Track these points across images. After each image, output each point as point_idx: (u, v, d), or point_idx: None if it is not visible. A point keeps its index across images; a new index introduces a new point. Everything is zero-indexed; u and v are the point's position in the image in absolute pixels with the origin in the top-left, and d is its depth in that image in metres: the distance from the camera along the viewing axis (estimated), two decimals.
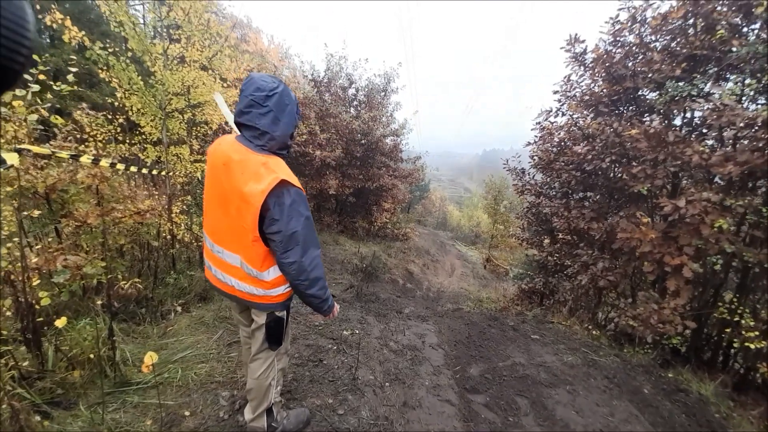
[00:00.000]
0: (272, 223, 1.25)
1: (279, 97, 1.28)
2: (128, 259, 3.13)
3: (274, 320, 1.48)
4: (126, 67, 3.52)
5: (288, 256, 1.29)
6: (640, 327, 3.25)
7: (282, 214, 1.24)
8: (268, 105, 1.27)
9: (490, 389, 2.59)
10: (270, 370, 1.58)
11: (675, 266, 3.10)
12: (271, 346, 1.54)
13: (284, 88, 1.31)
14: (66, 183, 2.49)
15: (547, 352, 3.25)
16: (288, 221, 1.25)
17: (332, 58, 10.27)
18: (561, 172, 4.84)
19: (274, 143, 1.32)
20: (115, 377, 1.94)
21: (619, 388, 2.71)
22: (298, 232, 1.27)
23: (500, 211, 17.05)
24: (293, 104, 1.34)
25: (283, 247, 1.28)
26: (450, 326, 3.76)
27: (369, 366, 2.52)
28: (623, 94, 4.12)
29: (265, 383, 1.57)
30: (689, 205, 2.85)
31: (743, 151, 2.85)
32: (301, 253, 1.30)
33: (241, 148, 1.30)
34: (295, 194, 1.27)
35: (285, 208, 1.24)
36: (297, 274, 1.32)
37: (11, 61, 0.35)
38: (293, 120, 1.35)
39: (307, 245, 1.31)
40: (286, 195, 1.25)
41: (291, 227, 1.26)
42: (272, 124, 1.29)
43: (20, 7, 0.36)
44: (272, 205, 1.24)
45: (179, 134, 4.44)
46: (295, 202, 1.26)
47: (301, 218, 1.28)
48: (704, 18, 3.44)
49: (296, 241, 1.28)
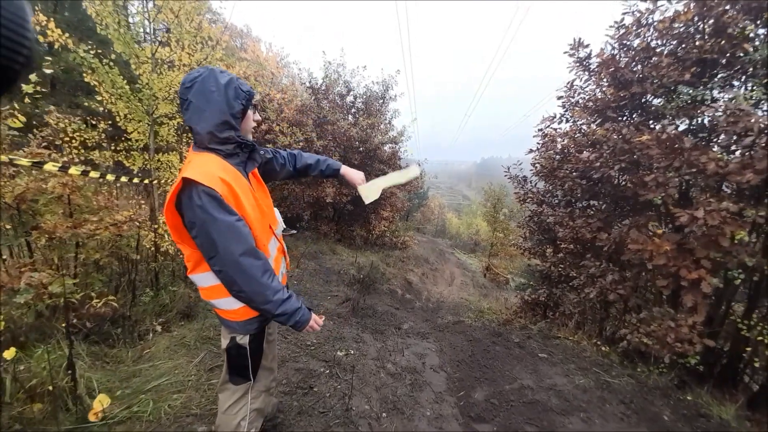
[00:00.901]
0: (191, 226, 1.11)
1: (200, 85, 1.13)
2: (107, 274, 2.92)
3: (235, 347, 1.29)
4: (109, 69, 3.36)
5: (213, 263, 1.14)
6: (655, 345, 3.03)
7: (195, 217, 1.09)
8: (188, 98, 1.14)
9: (497, 417, 2.37)
10: (240, 406, 1.36)
11: (692, 280, 2.90)
12: (233, 379, 1.33)
13: (208, 74, 1.15)
14: (36, 192, 2.29)
15: (557, 372, 3.03)
16: (201, 225, 1.08)
17: (330, 65, 10.20)
18: (565, 180, 4.66)
19: (200, 138, 1.15)
20: (77, 411, 1.72)
21: (638, 415, 2.49)
22: (213, 236, 1.09)
23: (500, 219, 16.87)
24: (221, 88, 1.13)
25: (206, 254, 1.14)
26: (451, 343, 3.54)
27: (364, 393, 2.29)
28: (629, 99, 3.97)
29: (233, 421, 1.35)
30: (708, 215, 2.66)
31: (761, 159, 2.68)
32: (222, 261, 1.11)
33: (190, 151, 1.24)
34: (203, 195, 1.07)
35: (195, 210, 1.08)
36: (229, 285, 1.16)
37: (11, 61, 0.35)
38: (223, 106, 1.14)
39: (228, 252, 1.10)
40: (195, 197, 1.07)
41: (204, 230, 1.09)
42: (194, 116, 1.14)
43: (20, 7, 0.36)
44: (186, 207, 1.10)
45: (168, 141, 4.26)
46: (204, 203, 1.07)
47: (214, 222, 1.08)
48: (714, 21, 3.31)
49: (215, 248, 1.10)
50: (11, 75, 0.36)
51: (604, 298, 4.03)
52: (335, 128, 9.10)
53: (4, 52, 0.34)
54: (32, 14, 0.38)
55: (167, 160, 4.24)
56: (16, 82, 0.38)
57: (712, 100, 3.29)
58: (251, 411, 1.37)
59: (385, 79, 10.31)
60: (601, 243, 3.91)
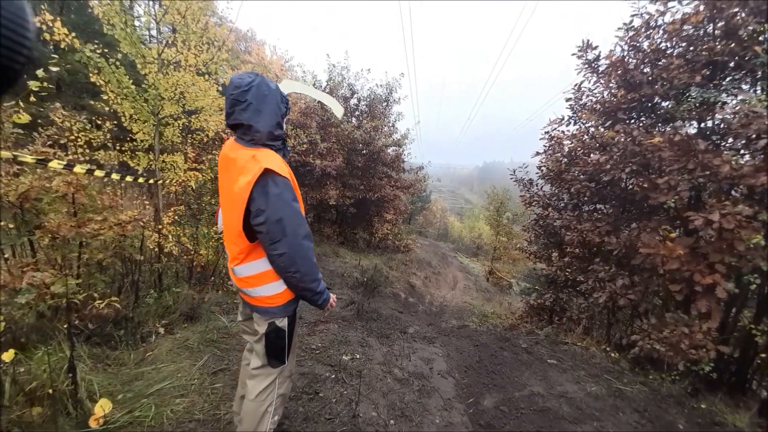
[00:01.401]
0: (258, 213, 1.22)
1: (256, 89, 1.28)
2: (110, 275, 2.88)
3: (275, 330, 1.38)
4: (116, 69, 3.34)
5: (276, 247, 1.24)
6: (668, 352, 2.96)
7: (267, 204, 1.21)
8: (246, 99, 1.27)
9: (508, 425, 2.30)
10: (269, 392, 1.44)
11: (706, 285, 2.83)
12: (271, 362, 1.42)
13: (261, 80, 1.30)
14: (40, 191, 2.26)
15: (567, 379, 2.96)
16: (274, 210, 1.22)
17: (334, 68, 10.23)
18: (572, 182, 4.61)
19: (260, 135, 1.30)
20: (77, 415, 1.67)
21: (652, 424, 2.41)
22: (284, 221, 1.23)
23: (503, 222, 16.78)
24: (273, 93, 1.32)
25: (271, 238, 1.24)
26: (458, 348, 3.47)
27: (371, 399, 2.23)
28: (639, 102, 3.93)
29: (261, 408, 1.42)
30: (723, 219, 2.60)
31: None
32: (289, 244, 1.24)
33: (236, 146, 1.33)
34: (281, 183, 1.24)
35: (270, 197, 1.22)
36: (287, 266, 1.27)
37: (11, 61, 0.35)
38: (276, 109, 1.33)
39: (295, 236, 1.25)
40: (272, 184, 1.22)
41: (277, 216, 1.22)
42: (254, 116, 1.28)
43: (20, 8, 0.36)
44: (257, 195, 1.21)
45: (173, 141, 4.24)
46: (281, 191, 1.23)
47: (288, 208, 1.24)
48: (725, 23, 3.27)
49: (283, 231, 1.23)
50: (11, 75, 0.36)
51: (614, 303, 3.96)
52: (339, 131, 9.09)
53: (4, 52, 0.34)
54: (32, 14, 0.38)
55: (172, 160, 4.23)
56: (16, 82, 0.38)
57: (723, 103, 3.24)
58: (277, 396, 1.45)
59: (389, 82, 10.33)
60: (611, 247, 3.85)
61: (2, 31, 0.34)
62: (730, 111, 2.99)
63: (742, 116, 2.77)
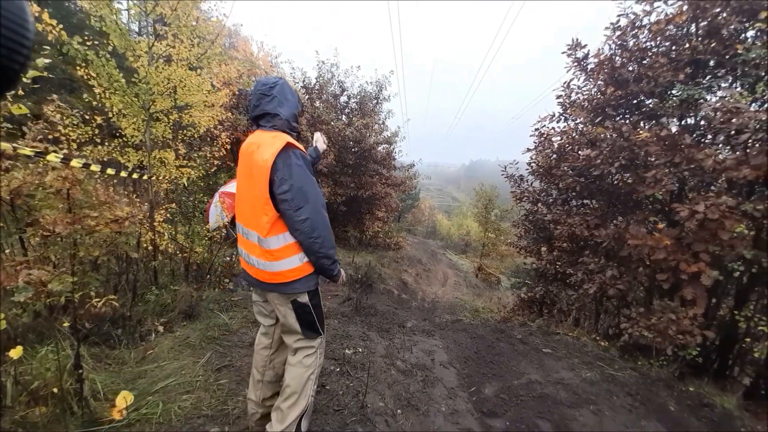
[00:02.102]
0: (282, 182, 1.34)
1: (280, 87, 1.51)
2: (104, 273, 2.80)
3: (300, 306, 1.47)
4: (106, 62, 3.24)
5: (300, 213, 1.36)
6: (657, 338, 3.10)
7: (291, 173, 1.35)
8: (272, 93, 1.48)
9: (509, 412, 2.37)
10: (312, 359, 1.53)
11: (692, 274, 2.97)
12: (306, 333, 1.50)
13: (284, 82, 1.53)
14: (33, 187, 2.19)
15: (563, 367, 3.06)
16: (297, 179, 1.35)
17: (323, 65, 10.15)
18: (562, 178, 4.73)
19: (282, 122, 1.49)
20: (83, 414, 1.63)
21: (645, 407, 2.52)
22: (306, 188, 1.37)
23: (491, 219, 17.04)
24: (293, 94, 1.55)
25: (296, 205, 1.35)
26: (456, 341, 3.53)
27: (377, 390, 2.26)
28: (625, 99, 4.07)
29: (305, 374, 1.50)
30: (708, 209, 2.74)
31: (757, 155, 2.78)
32: (312, 209, 1.37)
33: (260, 132, 1.50)
34: (300, 156, 1.40)
35: (293, 167, 1.36)
36: (310, 231, 1.37)
37: (12, 61, 0.35)
38: (295, 105, 1.55)
39: (316, 202, 1.39)
40: (293, 156, 1.37)
41: (300, 183, 1.36)
42: (279, 107, 1.48)
43: (20, 7, 0.36)
44: (281, 165, 1.35)
45: (164, 137, 4.15)
46: (302, 163, 1.39)
47: (309, 178, 1.40)
48: (708, 23, 3.43)
49: (306, 197, 1.36)
50: (11, 75, 0.36)
51: (603, 294, 4.10)
52: (329, 128, 9.04)
53: (4, 52, 0.34)
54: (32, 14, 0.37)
55: (162, 156, 4.13)
56: (17, 83, 0.37)
57: (705, 100, 3.39)
58: (318, 366, 1.56)
59: (378, 80, 10.32)
60: (600, 239, 3.98)
61: (2, 31, 0.34)
62: (711, 107, 3.14)
63: (723, 112, 2.91)
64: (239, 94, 8.30)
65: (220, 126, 6.82)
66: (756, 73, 3.09)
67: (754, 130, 2.74)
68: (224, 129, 7.38)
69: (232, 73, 4.92)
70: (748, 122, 2.78)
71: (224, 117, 6.01)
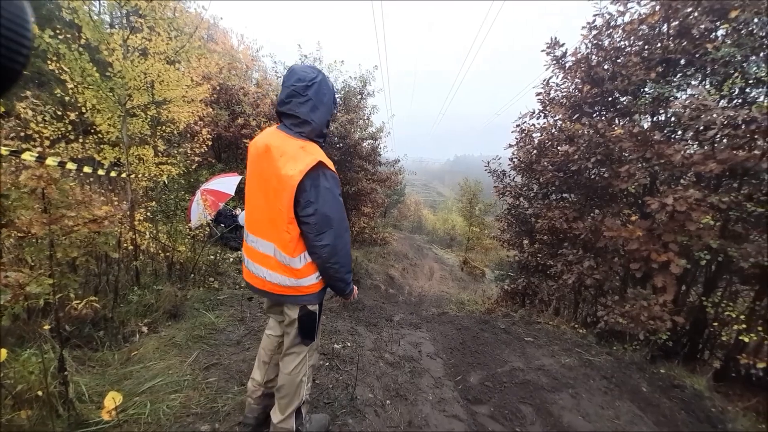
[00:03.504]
0: (308, 204, 1.27)
1: (318, 86, 1.33)
2: (82, 274, 2.73)
3: (307, 314, 1.46)
4: (79, 56, 3.12)
5: (321, 238, 1.30)
6: (630, 324, 3.27)
7: (318, 196, 1.27)
8: (307, 94, 1.31)
9: (493, 398, 2.46)
10: (302, 365, 1.54)
11: (662, 263, 3.15)
12: (304, 340, 1.50)
13: (323, 78, 1.35)
14: (7, 186, 2.10)
15: (544, 354, 3.19)
16: (324, 203, 1.27)
17: (306, 59, 10.01)
18: (542, 173, 4.88)
19: (311, 130, 1.35)
20: (69, 417, 1.60)
21: (619, 389, 2.68)
22: (332, 214, 1.30)
23: (475, 213, 17.33)
24: (331, 93, 1.40)
25: (317, 230, 1.29)
26: (442, 332, 3.62)
27: (366, 382, 2.31)
28: (601, 96, 4.23)
29: (296, 379, 1.52)
30: (676, 202, 2.90)
31: (723, 150, 2.95)
32: (335, 236, 1.32)
33: (281, 134, 1.35)
34: (331, 178, 1.31)
35: (321, 190, 1.27)
36: (329, 257, 1.33)
37: (12, 61, 0.34)
38: (330, 108, 1.41)
39: (340, 229, 1.34)
40: (323, 178, 1.28)
41: (326, 210, 1.28)
42: (311, 112, 1.33)
43: (20, 7, 0.35)
44: (308, 186, 1.26)
45: (142, 133, 4.03)
46: (331, 186, 1.30)
47: (336, 202, 1.32)
48: (679, 23, 3.58)
49: (330, 224, 1.30)
50: (11, 75, 0.35)
51: (581, 284, 4.28)
52: None
53: (4, 52, 0.34)
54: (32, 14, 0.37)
55: (141, 153, 4.02)
56: (16, 83, 0.37)
57: (676, 98, 3.57)
58: (309, 367, 1.57)
59: (362, 75, 10.28)
60: (577, 232, 4.15)
61: (2, 31, 0.34)
62: (680, 105, 3.31)
63: (692, 109, 3.07)
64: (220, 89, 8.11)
65: (201, 122, 6.64)
66: (724, 71, 3.27)
67: (721, 126, 2.91)
68: (205, 125, 7.20)
69: (212, 67, 4.81)
70: (715, 119, 2.94)
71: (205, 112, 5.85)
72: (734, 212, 2.82)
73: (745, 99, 3.28)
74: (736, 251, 2.77)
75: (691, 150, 3.29)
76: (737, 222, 2.99)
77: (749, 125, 2.70)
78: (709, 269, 3.57)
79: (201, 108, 4.66)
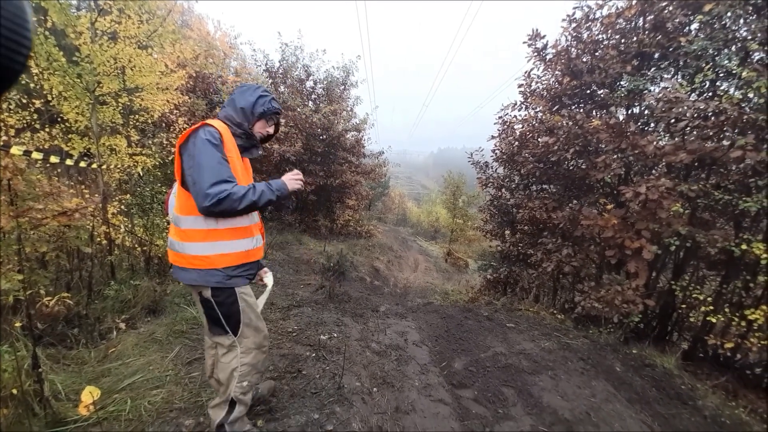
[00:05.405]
0: (187, 162, 1.30)
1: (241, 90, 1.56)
2: (53, 270, 2.60)
3: (203, 300, 1.38)
4: (44, 40, 2.93)
5: (200, 188, 1.25)
6: (605, 308, 3.42)
7: (194, 150, 1.28)
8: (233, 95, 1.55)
9: (477, 382, 2.54)
10: (231, 357, 1.45)
11: (635, 249, 3.29)
12: (210, 328, 1.44)
13: (249, 86, 1.56)
14: None
15: (524, 339, 3.30)
16: (197, 155, 1.27)
17: (287, 47, 9.75)
18: (524, 164, 4.98)
19: (224, 112, 1.53)
20: (46, 415, 1.54)
21: (595, 369, 2.81)
22: (203, 164, 1.26)
23: (459, 205, 17.55)
24: (249, 104, 1.51)
25: (195, 179, 1.26)
26: (427, 321, 3.68)
27: (353, 371, 2.33)
28: (580, 88, 4.33)
29: (227, 368, 1.45)
30: (649, 191, 3.03)
31: (693, 141, 3.09)
32: (210, 183, 1.24)
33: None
34: (209, 132, 1.31)
35: (198, 143, 1.29)
36: (218, 204, 1.24)
37: (12, 61, 0.35)
38: (245, 114, 1.52)
39: (219, 176, 1.26)
40: (201, 133, 1.31)
41: (197, 160, 1.27)
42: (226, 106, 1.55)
43: (20, 7, 0.36)
44: (184, 151, 1.32)
45: (114, 123, 3.84)
46: (202, 141, 1.29)
47: (207, 154, 1.28)
48: (654, 17, 3.69)
49: (200, 172, 1.25)
50: (11, 75, 0.36)
51: (560, 271, 4.43)
52: (296, 114, 8.77)
53: (4, 52, 0.34)
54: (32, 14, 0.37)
55: (113, 143, 3.83)
56: (16, 83, 0.38)
57: (649, 90, 3.70)
58: (242, 364, 1.45)
59: (345, 64, 10.11)
60: (556, 221, 4.28)
61: (2, 31, 0.34)
62: (654, 98, 3.43)
63: (665, 102, 3.19)
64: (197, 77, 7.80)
65: (177, 110, 6.38)
66: (696, 64, 3.40)
67: (691, 117, 3.04)
68: (181, 114, 6.92)
69: (188, 53, 4.61)
70: (686, 111, 3.08)
71: (181, 101, 5.62)
72: (702, 200, 2.98)
73: (715, 92, 3.44)
74: (704, 237, 2.93)
75: (663, 141, 3.43)
76: (705, 210, 3.15)
77: (718, 117, 2.83)
78: (678, 255, 3.77)
79: (177, 96, 4.47)
